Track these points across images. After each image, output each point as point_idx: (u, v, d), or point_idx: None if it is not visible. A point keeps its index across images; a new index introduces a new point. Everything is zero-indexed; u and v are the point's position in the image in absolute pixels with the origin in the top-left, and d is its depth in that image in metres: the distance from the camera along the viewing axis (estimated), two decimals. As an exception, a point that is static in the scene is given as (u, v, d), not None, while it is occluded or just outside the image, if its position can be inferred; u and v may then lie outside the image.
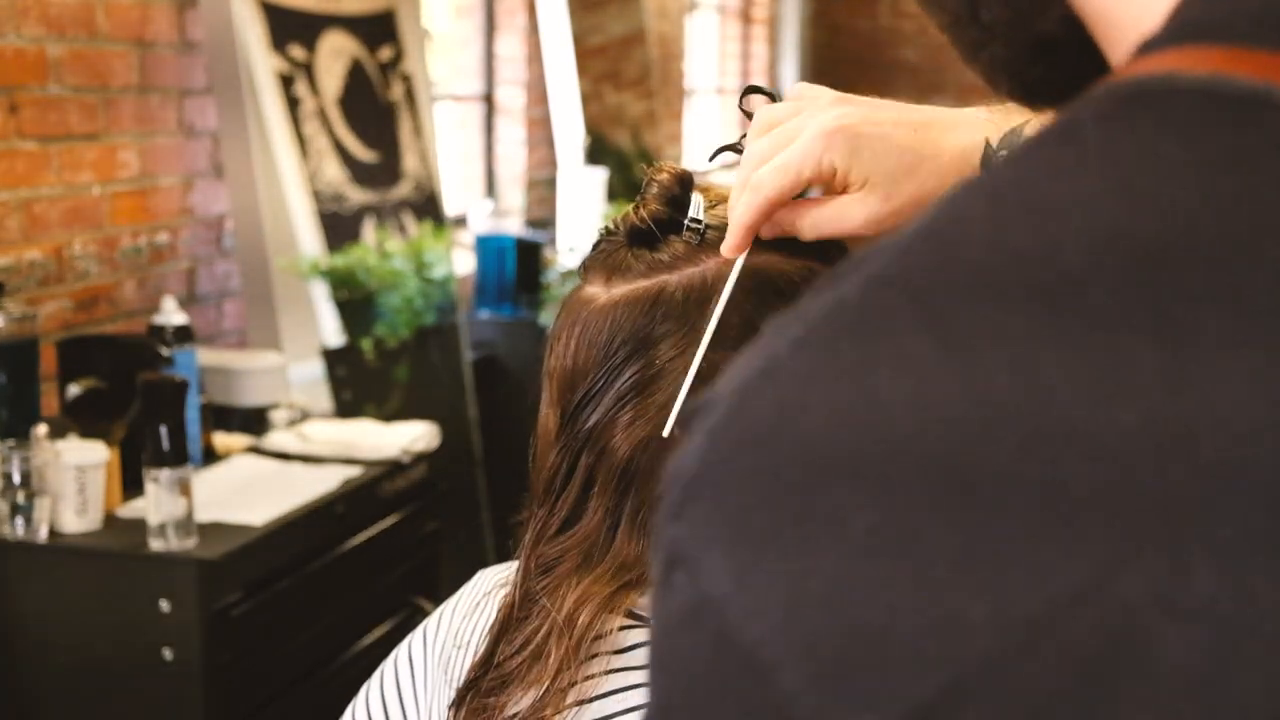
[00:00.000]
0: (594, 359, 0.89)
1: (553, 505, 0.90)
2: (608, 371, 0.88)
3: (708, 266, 0.88)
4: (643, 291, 0.88)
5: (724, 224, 0.88)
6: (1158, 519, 0.31)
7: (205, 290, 3.14)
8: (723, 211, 0.89)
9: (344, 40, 3.43)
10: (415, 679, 0.97)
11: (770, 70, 8.24)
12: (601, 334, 0.88)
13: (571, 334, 0.90)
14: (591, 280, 0.92)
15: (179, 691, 2.07)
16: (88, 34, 2.78)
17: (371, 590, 2.55)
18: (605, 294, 0.90)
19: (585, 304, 0.91)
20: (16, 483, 2.10)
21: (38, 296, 2.65)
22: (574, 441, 0.89)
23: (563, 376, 0.90)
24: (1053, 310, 0.33)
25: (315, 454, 2.57)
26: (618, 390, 0.88)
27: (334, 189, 3.32)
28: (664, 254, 0.89)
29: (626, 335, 0.88)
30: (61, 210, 2.71)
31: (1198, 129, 0.35)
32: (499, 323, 4.08)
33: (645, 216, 0.90)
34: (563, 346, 0.91)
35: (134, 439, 2.21)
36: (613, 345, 0.88)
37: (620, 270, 0.90)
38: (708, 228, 0.89)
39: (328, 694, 2.31)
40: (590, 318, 0.90)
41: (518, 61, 5.03)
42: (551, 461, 0.90)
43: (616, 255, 0.91)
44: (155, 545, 2.07)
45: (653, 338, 0.88)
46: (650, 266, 0.89)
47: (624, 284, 0.89)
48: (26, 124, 2.62)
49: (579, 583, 0.87)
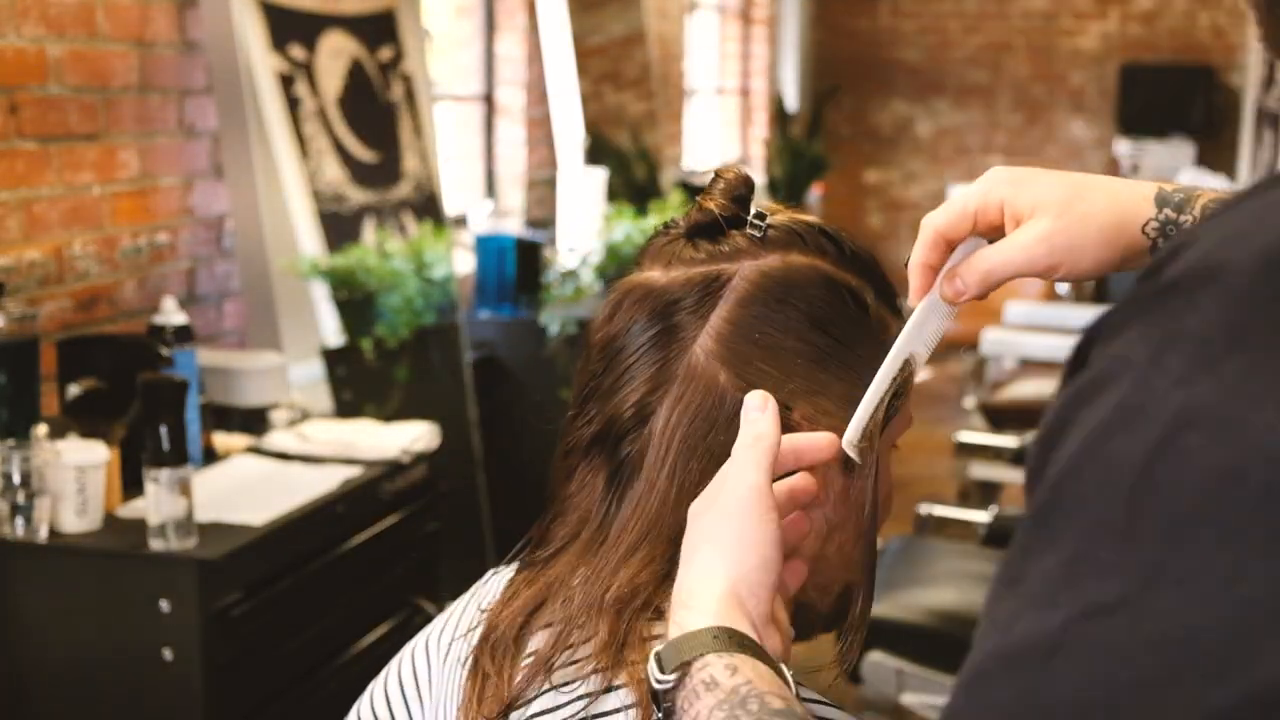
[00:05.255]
0: (642, 325, 0.91)
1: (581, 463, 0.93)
2: (657, 335, 0.90)
3: (768, 261, 0.91)
4: (702, 274, 0.91)
5: (786, 226, 0.92)
6: None
7: (205, 290, 3.14)
8: (781, 219, 0.93)
9: (344, 40, 3.43)
10: (423, 679, 0.97)
11: (770, 70, 8.24)
12: (660, 304, 0.91)
13: (620, 307, 0.92)
14: (648, 267, 0.94)
15: (179, 691, 2.07)
16: (88, 34, 2.78)
17: (371, 590, 2.55)
18: (664, 276, 0.92)
19: (642, 283, 0.93)
20: (16, 483, 2.10)
21: (38, 296, 2.65)
22: (613, 411, 0.91)
23: (605, 343, 0.92)
24: None
25: (315, 454, 2.56)
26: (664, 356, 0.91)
27: (334, 189, 3.32)
28: (725, 246, 0.92)
29: (688, 307, 0.90)
30: (61, 210, 2.71)
31: None
32: (499, 323, 4.08)
33: (712, 209, 0.93)
34: (612, 319, 0.93)
35: (134, 439, 2.21)
36: (670, 311, 0.90)
37: (680, 258, 0.93)
38: (769, 226, 0.92)
39: (328, 694, 2.32)
40: (649, 290, 0.92)
41: (518, 61, 5.03)
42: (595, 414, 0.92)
43: (675, 245, 0.94)
44: (155, 545, 2.07)
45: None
46: (711, 256, 0.92)
47: (683, 268, 0.92)
48: (26, 124, 2.62)
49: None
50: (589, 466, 0.92)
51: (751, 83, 8.09)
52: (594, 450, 0.92)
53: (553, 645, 0.86)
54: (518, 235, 4.36)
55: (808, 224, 0.94)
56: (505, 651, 0.88)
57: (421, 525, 2.69)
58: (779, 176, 7.74)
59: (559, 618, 0.88)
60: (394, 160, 3.59)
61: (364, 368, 3.27)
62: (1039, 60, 8.47)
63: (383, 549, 2.54)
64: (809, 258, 0.92)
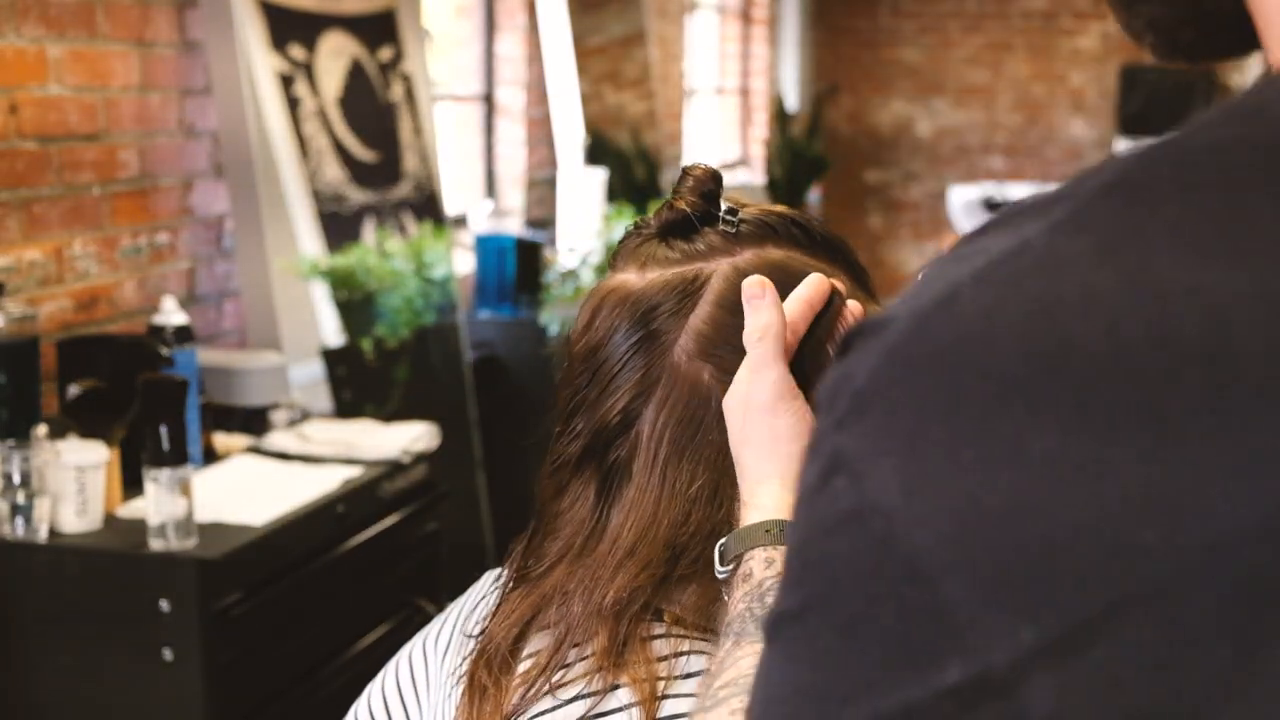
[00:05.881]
0: (624, 333, 0.91)
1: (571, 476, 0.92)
2: (639, 342, 0.90)
3: (742, 257, 0.91)
4: (678, 275, 0.91)
5: (757, 219, 0.93)
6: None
7: (205, 290, 3.14)
8: (751, 211, 0.94)
9: (344, 40, 3.43)
10: (420, 680, 0.97)
11: (770, 70, 8.24)
12: (639, 309, 0.90)
13: (599, 314, 0.92)
14: (623, 269, 0.94)
15: (179, 691, 2.07)
16: (88, 34, 2.78)
17: (371, 590, 2.55)
18: (640, 279, 0.92)
19: (618, 288, 0.92)
20: (16, 483, 2.10)
21: (38, 296, 2.65)
22: (598, 421, 0.91)
23: (587, 354, 0.92)
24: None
25: (315, 454, 2.56)
26: (647, 362, 0.90)
27: (334, 189, 3.32)
28: (699, 244, 0.92)
29: (668, 310, 0.90)
30: (61, 210, 2.71)
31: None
32: (499, 323, 4.08)
33: (683, 208, 0.93)
34: (592, 326, 0.92)
35: (134, 439, 2.21)
36: (651, 317, 0.90)
37: (655, 259, 0.92)
38: (742, 221, 0.92)
39: (328, 694, 2.32)
40: (626, 297, 0.91)
41: (518, 61, 5.03)
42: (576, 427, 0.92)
43: (648, 246, 0.93)
44: (155, 545, 2.07)
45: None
46: (686, 255, 0.92)
47: (659, 269, 0.92)
48: (26, 124, 2.62)
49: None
50: (580, 480, 0.91)
51: (751, 83, 8.09)
52: (585, 463, 0.91)
53: (552, 650, 0.86)
54: (518, 235, 4.36)
55: (778, 215, 0.94)
56: (502, 664, 0.88)
57: (421, 525, 2.69)
58: (779, 176, 7.74)
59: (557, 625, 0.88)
60: (394, 160, 3.59)
61: (364, 368, 3.27)
62: (1039, 60, 8.47)
63: (383, 549, 2.54)
64: (783, 250, 0.92)
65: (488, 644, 0.90)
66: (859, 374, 0.38)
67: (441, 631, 0.98)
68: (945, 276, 0.38)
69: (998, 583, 0.33)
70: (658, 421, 0.89)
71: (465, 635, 0.94)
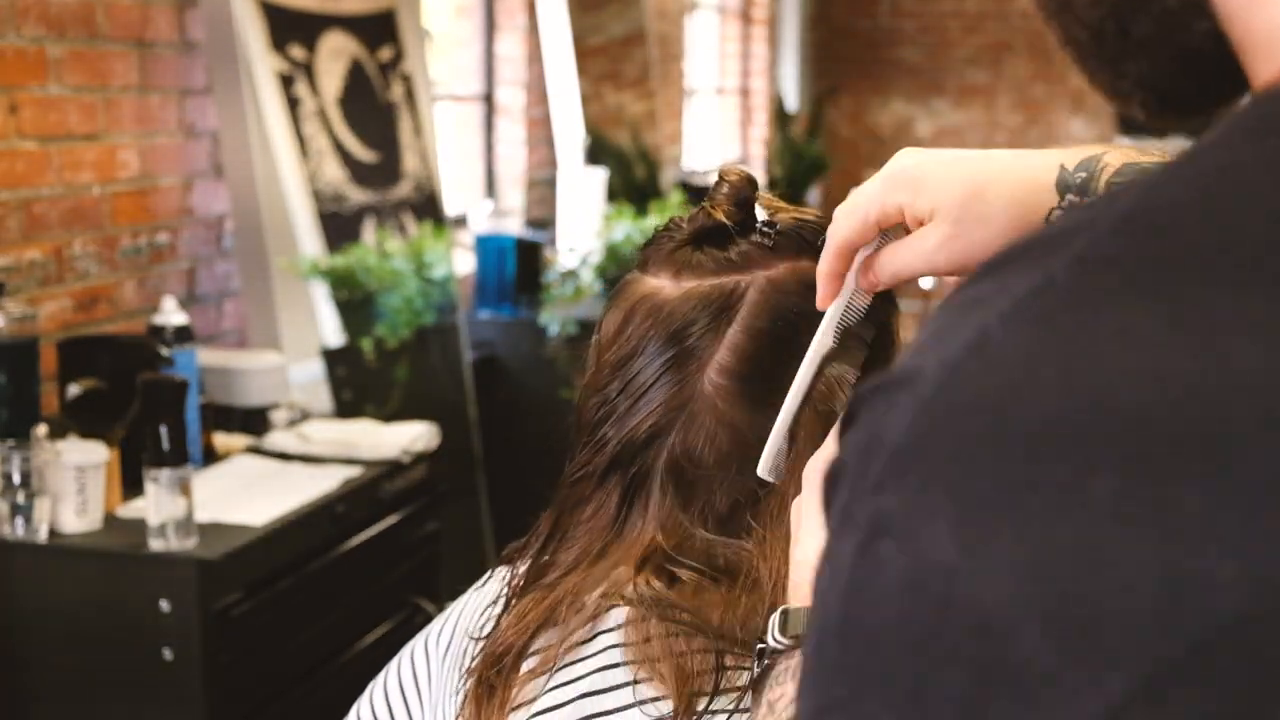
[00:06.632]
0: (657, 348, 0.90)
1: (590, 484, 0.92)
2: (672, 359, 0.90)
3: (777, 270, 0.91)
4: (714, 289, 0.90)
5: (792, 229, 0.92)
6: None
7: (205, 290, 3.14)
8: (785, 218, 0.93)
9: (344, 40, 3.43)
10: (422, 679, 0.97)
11: (770, 70, 8.24)
12: (673, 325, 0.90)
13: (631, 323, 0.91)
14: (656, 274, 0.93)
15: (179, 691, 2.07)
16: (88, 34, 2.78)
17: (371, 590, 2.55)
18: (675, 287, 0.91)
19: (652, 295, 0.92)
20: (16, 483, 2.10)
21: (38, 296, 2.65)
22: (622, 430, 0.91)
23: (618, 364, 0.91)
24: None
25: (315, 454, 2.57)
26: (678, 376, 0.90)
27: (334, 189, 3.32)
28: (733, 253, 0.91)
29: (702, 328, 0.90)
30: (61, 210, 2.71)
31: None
32: (499, 323, 4.08)
33: (720, 217, 0.92)
34: (623, 335, 0.92)
35: (134, 439, 2.21)
36: (685, 334, 0.90)
37: (689, 266, 0.92)
38: (778, 233, 0.92)
39: (328, 694, 2.32)
40: (660, 306, 0.91)
41: (518, 61, 5.03)
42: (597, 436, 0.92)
43: (683, 252, 0.92)
44: (155, 545, 2.07)
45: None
46: (720, 265, 0.91)
47: (694, 279, 0.91)
48: (26, 124, 2.62)
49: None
50: (604, 490, 0.91)
51: (751, 83, 8.09)
52: (610, 475, 0.91)
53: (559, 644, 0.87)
54: (518, 235, 4.36)
55: (813, 225, 0.94)
56: (512, 666, 0.88)
57: (421, 525, 2.69)
58: (779, 176, 7.74)
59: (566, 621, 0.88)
60: (394, 160, 3.59)
61: (364, 368, 3.27)
62: (1039, 60, 8.47)
63: (383, 549, 2.54)
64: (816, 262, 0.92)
65: (498, 646, 0.90)
66: (892, 432, 0.36)
67: (443, 631, 0.98)
68: (968, 321, 0.37)
69: (1076, 632, 0.33)
70: (685, 443, 0.89)
71: (471, 637, 0.94)
